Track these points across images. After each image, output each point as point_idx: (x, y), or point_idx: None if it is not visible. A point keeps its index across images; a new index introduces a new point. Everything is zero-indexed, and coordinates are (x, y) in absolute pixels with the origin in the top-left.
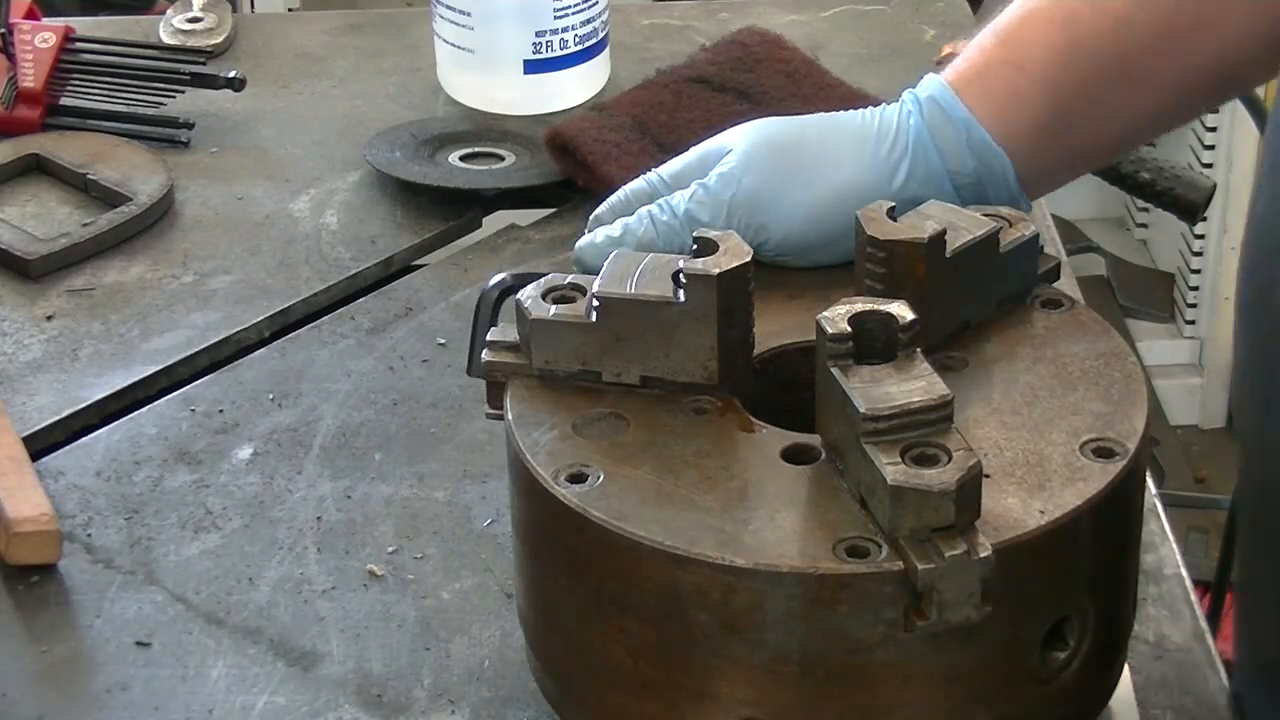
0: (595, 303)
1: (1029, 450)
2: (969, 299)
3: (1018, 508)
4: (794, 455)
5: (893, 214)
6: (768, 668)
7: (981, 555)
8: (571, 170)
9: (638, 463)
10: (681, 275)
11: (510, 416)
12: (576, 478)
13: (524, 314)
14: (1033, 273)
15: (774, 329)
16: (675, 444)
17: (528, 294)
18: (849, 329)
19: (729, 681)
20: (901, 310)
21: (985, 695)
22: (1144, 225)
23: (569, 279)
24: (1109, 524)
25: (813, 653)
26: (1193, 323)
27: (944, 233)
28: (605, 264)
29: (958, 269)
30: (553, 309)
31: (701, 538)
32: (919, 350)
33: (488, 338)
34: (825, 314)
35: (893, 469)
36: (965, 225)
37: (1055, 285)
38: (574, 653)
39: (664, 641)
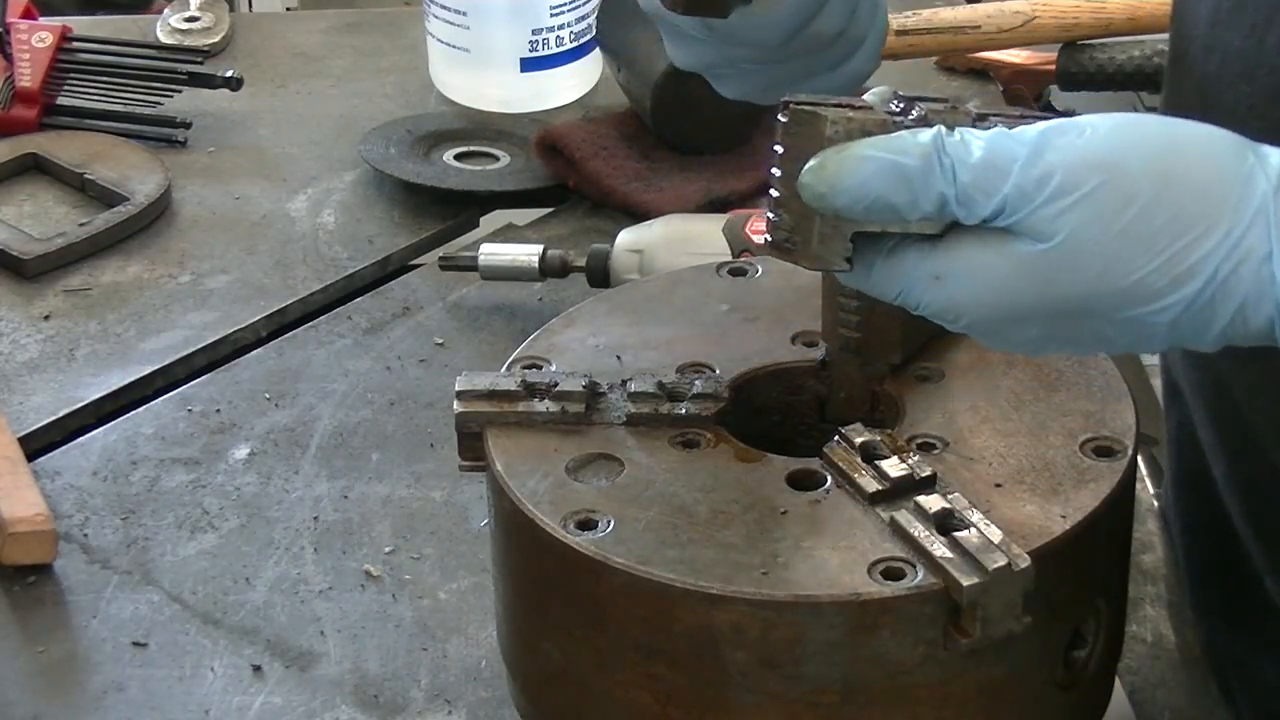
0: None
1: (1031, 455)
2: None
3: (1039, 514)
4: (799, 481)
5: None
6: (807, 699)
7: (1023, 566)
8: (561, 171)
9: (644, 504)
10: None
11: (499, 467)
12: (586, 525)
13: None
14: None
15: (737, 354)
16: (677, 481)
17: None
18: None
19: (766, 717)
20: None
21: (1019, 705)
22: None
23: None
24: (1118, 521)
25: (854, 680)
26: None
27: None
28: None
29: None
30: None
31: (734, 575)
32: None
33: (456, 388)
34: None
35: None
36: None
37: None
38: (593, 705)
39: (696, 683)
